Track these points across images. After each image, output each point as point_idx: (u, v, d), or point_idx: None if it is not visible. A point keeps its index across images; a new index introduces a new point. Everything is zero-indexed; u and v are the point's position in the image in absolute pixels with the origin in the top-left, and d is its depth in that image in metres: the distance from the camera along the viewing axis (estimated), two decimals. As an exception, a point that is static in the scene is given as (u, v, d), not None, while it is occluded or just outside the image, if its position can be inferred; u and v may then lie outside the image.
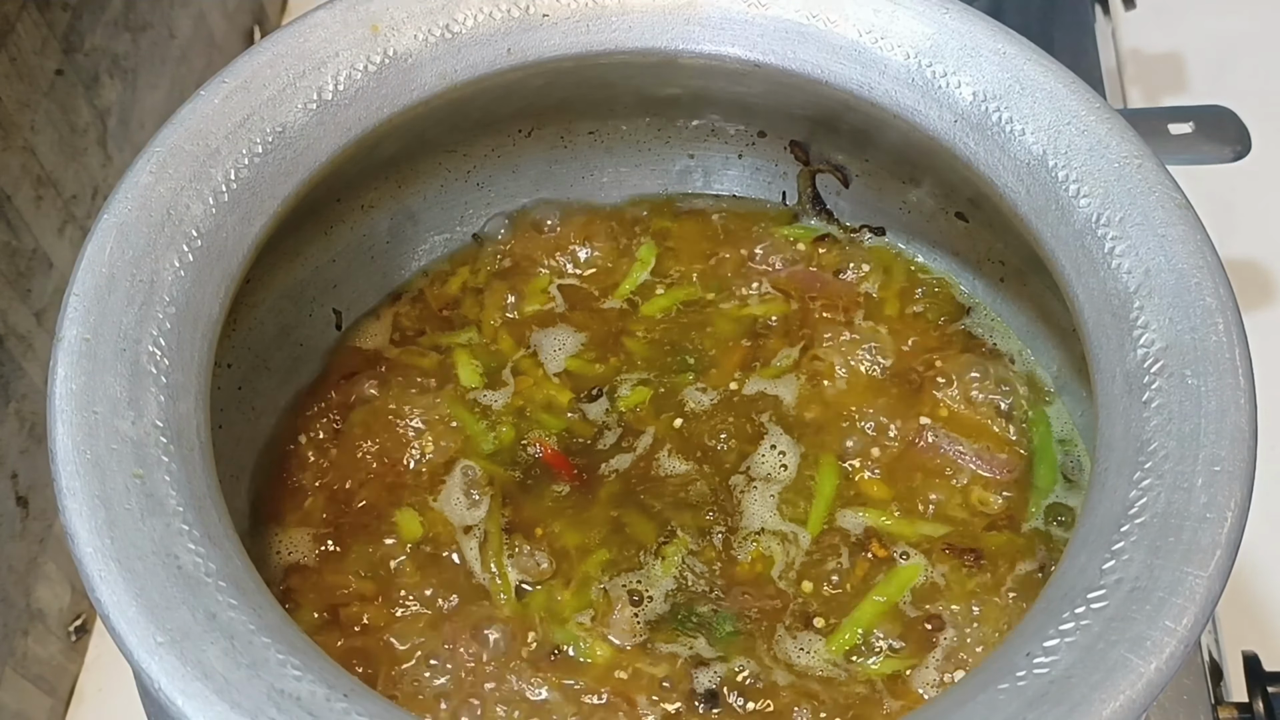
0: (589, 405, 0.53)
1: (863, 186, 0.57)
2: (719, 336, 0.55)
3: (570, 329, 0.56)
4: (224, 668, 0.34)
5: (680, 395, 0.54)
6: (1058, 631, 0.36)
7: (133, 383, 0.39)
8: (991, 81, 0.47)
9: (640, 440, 0.52)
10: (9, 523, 0.67)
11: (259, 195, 0.45)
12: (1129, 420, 0.40)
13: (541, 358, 0.55)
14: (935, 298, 0.56)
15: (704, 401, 0.53)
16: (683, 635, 0.47)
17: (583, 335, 0.56)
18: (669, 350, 0.55)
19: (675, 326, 0.56)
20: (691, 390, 0.54)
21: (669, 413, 0.53)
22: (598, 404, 0.53)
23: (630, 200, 0.60)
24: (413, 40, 0.48)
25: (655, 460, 0.52)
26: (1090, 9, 0.91)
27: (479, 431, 0.53)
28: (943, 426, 0.52)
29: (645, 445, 0.52)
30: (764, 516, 0.50)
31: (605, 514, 0.50)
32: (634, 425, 0.53)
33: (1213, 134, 0.73)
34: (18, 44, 0.66)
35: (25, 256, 0.68)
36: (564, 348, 0.55)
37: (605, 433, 0.53)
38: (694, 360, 0.55)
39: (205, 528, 0.37)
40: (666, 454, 0.52)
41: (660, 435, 0.52)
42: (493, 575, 0.49)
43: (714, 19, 0.50)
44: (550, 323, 0.56)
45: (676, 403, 0.53)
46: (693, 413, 0.53)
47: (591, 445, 0.52)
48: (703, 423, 0.53)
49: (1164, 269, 0.42)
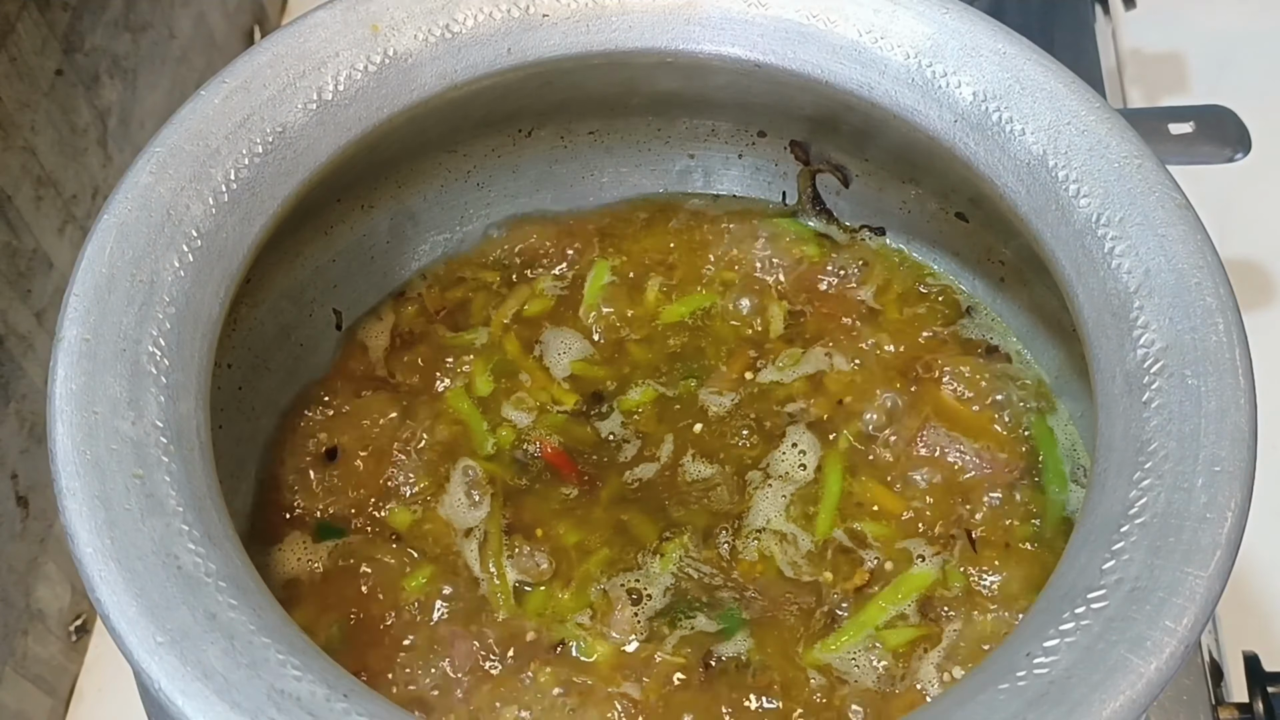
0: (592, 407, 0.53)
1: (863, 186, 0.57)
2: (720, 339, 0.55)
3: (574, 332, 0.56)
4: (224, 668, 0.34)
5: (683, 398, 0.54)
6: (1058, 631, 0.36)
7: (133, 383, 0.39)
8: (992, 81, 0.47)
9: (642, 441, 0.52)
10: (9, 523, 0.67)
11: (259, 195, 0.45)
12: (1129, 420, 0.40)
13: (545, 360, 0.55)
14: (935, 298, 0.56)
15: (706, 404, 0.53)
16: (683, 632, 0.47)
17: (586, 338, 0.56)
18: (672, 355, 0.55)
19: (677, 330, 0.56)
20: (694, 394, 0.54)
21: (670, 415, 0.53)
22: (600, 406, 0.53)
23: (631, 200, 0.60)
24: (413, 40, 0.48)
25: (656, 461, 0.52)
26: (1090, 9, 0.91)
27: (481, 432, 0.53)
28: (943, 426, 0.52)
29: (647, 446, 0.52)
30: (768, 516, 0.50)
31: (606, 514, 0.50)
32: (636, 428, 0.53)
33: (1213, 134, 0.73)
34: (18, 44, 0.66)
35: (25, 256, 0.68)
36: (569, 351, 0.55)
37: (608, 435, 0.53)
38: (696, 365, 0.55)
39: (205, 528, 0.37)
40: (667, 455, 0.52)
41: (661, 437, 0.52)
42: (491, 576, 0.49)
43: (714, 19, 0.50)
44: (554, 324, 0.56)
45: (679, 406, 0.53)
46: (695, 414, 0.53)
47: (594, 446, 0.52)
48: (705, 424, 0.53)
49: (1164, 269, 0.42)
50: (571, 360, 0.55)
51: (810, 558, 0.49)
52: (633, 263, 0.58)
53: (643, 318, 0.56)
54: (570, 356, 0.55)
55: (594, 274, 0.57)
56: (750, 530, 0.50)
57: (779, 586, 0.49)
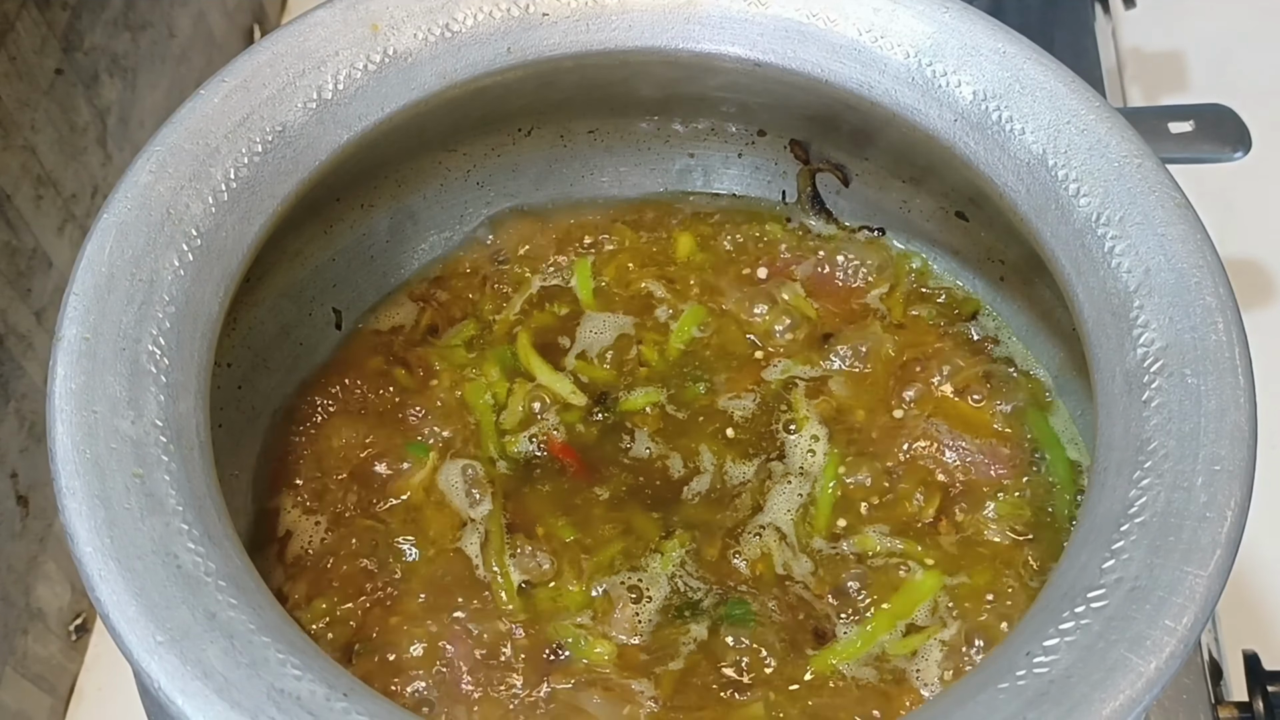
0: (596, 407, 0.53)
1: (863, 186, 0.57)
2: (723, 340, 0.55)
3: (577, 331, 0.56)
4: (224, 667, 0.34)
5: (687, 399, 0.54)
6: (1058, 631, 0.36)
7: (132, 382, 0.39)
8: (991, 80, 0.47)
9: (645, 441, 0.52)
10: (9, 522, 0.67)
11: (259, 194, 0.45)
12: (1129, 419, 0.40)
13: (548, 359, 0.55)
14: (935, 297, 0.56)
15: (708, 404, 0.53)
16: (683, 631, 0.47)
17: (589, 338, 0.56)
18: (676, 356, 0.55)
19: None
20: (697, 394, 0.54)
21: (673, 416, 0.53)
22: (605, 406, 0.53)
23: (631, 200, 0.60)
24: (412, 39, 0.48)
25: (659, 461, 0.52)
26: (1090, 8, 0.91)
27: (490, 429, 0.52)
28: (945, 424, 0.52)
29: (650, 446, 0.52)
30: (769, 516, 0.50)
31: (607, 512, 0.50)
32: (639, 428, 0.53)
33: (1213, 133, 0.73)
34: (17, 43, 0.66)
35: (25, 256, 0.68)
36: (571, 351, 0.55)
37: (611, 434, 0.53)
38: (700, 365, 0.55)
39: (205, 527, 0.37)
40: (670, 455, 0.52)
41: (664, 437, 0.52)
42: (494, 574, 0.49)
43: (714, 18, 0.50)
44: (555, 324, 0.56)
45: (682, 406, 0.53)
46: (697, 415, 0.53)
47: (597, 445, 0.52)
48: (707, 425, 0.53)
49: (1164, 268, 0.42)
50: (574, 359, 0.55)
51: (811, 557, 0.49)
52: (633, 261, 0.58)
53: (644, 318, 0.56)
54: (574, 355, 0.55)
55: (593, 273, 0.57)
56: (751, 530, 0.50)
57: (779, 586, 0.49)
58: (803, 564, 0.49)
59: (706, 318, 0.56)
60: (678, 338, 0.55)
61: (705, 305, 0.56)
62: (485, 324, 0.56)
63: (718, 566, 0.49)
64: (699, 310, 0.56)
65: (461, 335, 0.56)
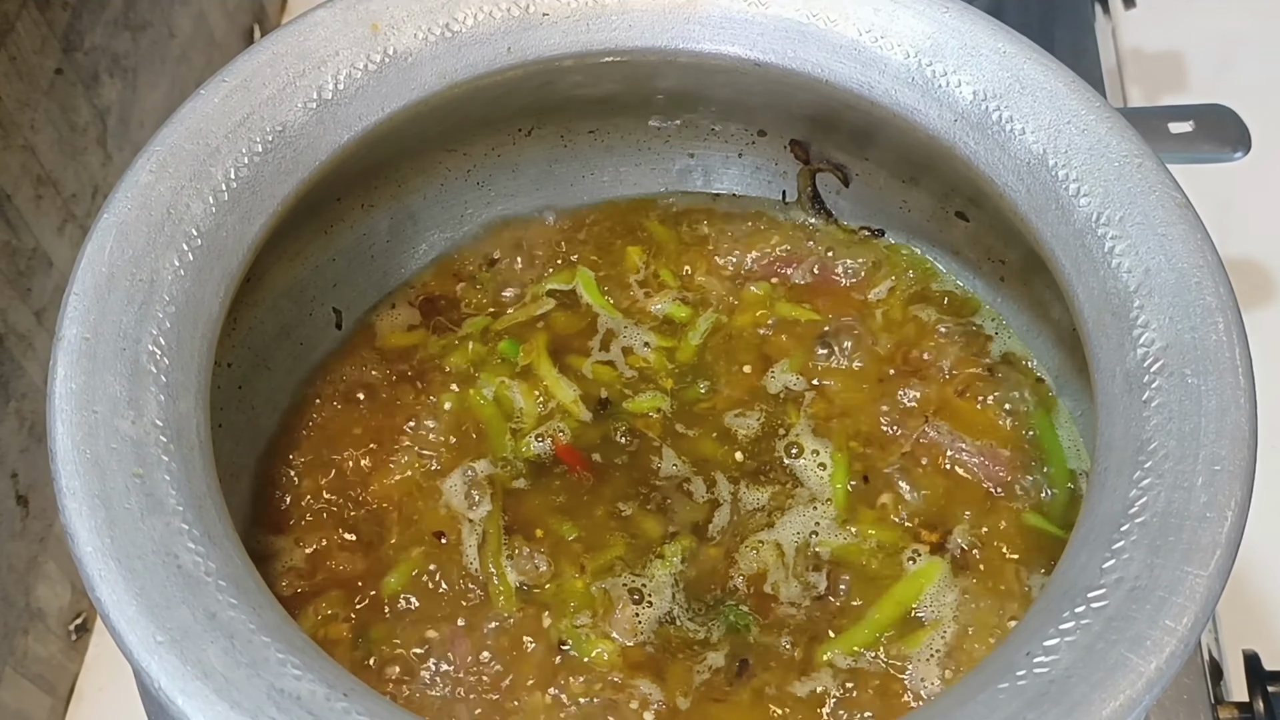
0: (599, 410, 0.53)
1: (863, 186, 0.57)
2: (725, 341, 0.55)
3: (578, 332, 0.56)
4: (224, 667, 0.34)
5: (689, 402, 0.54)
6: (1058, 631, 0.36)
7: (132, 382, 0.39)
8: (992, 80, 0.47)
9: (647, 444, 0.52)
10: (9, 522, 0.67)
11: (259, 194, 0.45)
12: (1129, 420, 0.40)
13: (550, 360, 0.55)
14: (935, 297, 0.56)
15: (710, 407, 0.53)
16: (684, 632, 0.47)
17: (590, 339, 0.56)
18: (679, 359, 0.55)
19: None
20: (700, 397, 0.54)
21: (676, 419, 0.53)
22: (608, 409, 0.53)
23: (631, 199, 0.60)
24: (413, 39, 0.48)
25: (661, 463, 0.52)
26: (1090, 8, 0.91)
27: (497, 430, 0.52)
28: (946, 424, 0.52)
29: (652, 449, 0.52)
30: (770, 517, 0.50)
31: (608, 515, 0.50)
32: (641, 430, 0.53)
33: (1213, 133, 0.73)
34: (17, 43, 0.66)
35: (25, 256, 0.68)
36: (572, 351, 0.55)
37: (613, 437, 0.53)
38: (702, 368, 0.55)
39: (205, 527, 0.37)
40: (671, 458, 0.52)
41: (666, 440, 0.52)
42: (491, 575, 0.49)
43: (714, 18, 0.50)
44: (556, 324, 0.56)
45: (684, 409, 0.53)
46: (699, 418, 0.53)
47: (600, 448, 0.52)
48: (709, 428, 0.53)
49: (1164, 268, 0.42)
50: (575, 360, 0.55)
51: (812, 558, 0.49)
52: (633, 262, 0.58)
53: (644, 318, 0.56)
54: (575, 356, 0.55)
55: (594, 274, 0.57)
56: (752, 531, 0.50)
57: (780, 587, 0.49)
58: (804, 565, 0.49)
59: (709, 319, 0.56)
60: (683, 339, 0.55)
61: (705, 306, 0.56)
62: (485, 324, 0.56)
63: (719, 569, 0.49)
64: (702, 312, 0.56)
65: (462, 335, 0.56)
